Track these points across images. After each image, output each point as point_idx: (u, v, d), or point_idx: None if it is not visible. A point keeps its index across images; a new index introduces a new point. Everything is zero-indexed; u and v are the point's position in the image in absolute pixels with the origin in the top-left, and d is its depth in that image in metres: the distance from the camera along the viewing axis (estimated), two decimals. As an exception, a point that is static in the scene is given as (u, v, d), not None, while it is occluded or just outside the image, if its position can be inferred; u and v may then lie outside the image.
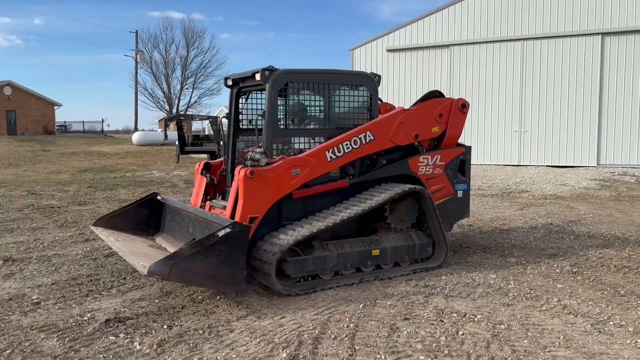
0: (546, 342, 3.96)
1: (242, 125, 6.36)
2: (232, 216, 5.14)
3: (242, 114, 6.35)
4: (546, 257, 6.49)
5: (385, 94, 22.12)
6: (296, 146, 5.73)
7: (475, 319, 4.42)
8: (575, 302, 4.86)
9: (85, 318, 4.42)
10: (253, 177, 5.03)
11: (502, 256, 6.59)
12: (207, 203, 6.07)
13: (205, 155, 20.92)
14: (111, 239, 5.62)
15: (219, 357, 3.68)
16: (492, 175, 17.38)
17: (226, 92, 7.37)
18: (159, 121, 58.63)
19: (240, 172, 5.09)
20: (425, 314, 4.52)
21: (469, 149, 6.63)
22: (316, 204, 5.62)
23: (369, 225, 5.95)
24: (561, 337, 4.05)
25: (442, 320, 4.38)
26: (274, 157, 5.41)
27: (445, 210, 6.31)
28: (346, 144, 5.65)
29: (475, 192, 13.35)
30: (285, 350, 3.79)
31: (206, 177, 6.19)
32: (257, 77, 5.47)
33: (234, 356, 3.70)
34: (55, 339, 3.98)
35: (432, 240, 6.00)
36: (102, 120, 55.60)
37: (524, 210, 10.17)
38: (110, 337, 4.02)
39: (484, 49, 20.15)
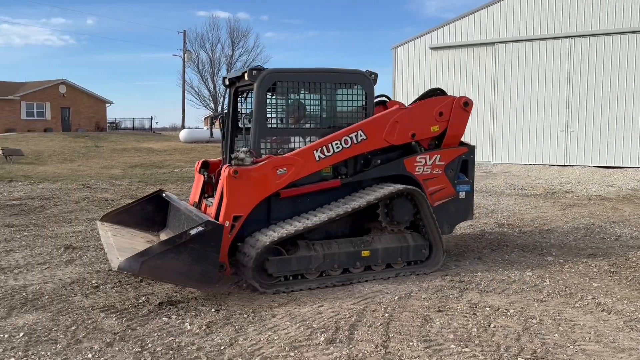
0: (577, 336, 4.07)
1: (241, 124, 6.37)
2: (217, 215, 5.15)
3: (240, 114, 6.37)
4: (584, 257, 6.51)
5: (428, 92, 22.06)
6: (291, 146, 5.76)
7: (508, 313, 4.56)
8: (610, 300, 4.91)
9: (140, 301, 4.80)
10: (237, 176, 5.06)
11: (540, 255, 6.64)
12: (204, 201, 6.06)
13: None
14: (109, 234, 5.68)
15: (262, 339, 3.97)
16: (537, 175, 17.15)
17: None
18: (205, 119, 60.07)
19: (224, 171, 5.13)
20: (458, 307, 4.68)
21: (472, 148, 6.41)
22: (307, 204, 5.59)
23: (364, 225, 5.91)
24: (592, 332, 4.15)
25: (474, 314, 4.53)
26: (262, 156, 5.43)
27: (446, 211, 6.16)
28: (336, 144, 5.57)
29: (518, 192, 13.28)
30: (323, 334, 4.04)
31: (204, 175, 6.19)
32: (246, 76, 5.55)
33: (275, 338, 3.98)
34: (114, 318, 4.37)
35: (428, 242, 5.87)
36: (151, 117, 57.69)
37: (566, 211, 10.09)
38: (164, 318, 4.37)
39: (530, 47, 19.84)
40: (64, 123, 45.43)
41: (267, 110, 5.63)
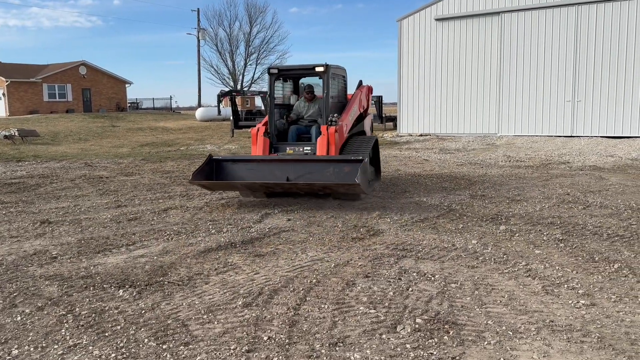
0: (488, 299, 4.19)
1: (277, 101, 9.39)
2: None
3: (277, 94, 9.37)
4: (541, 226, 6.55)
5: (434, 65, 21.84)
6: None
7: (433, 278, 4.69)
8: (542, 266, 4.99)
9: (89, 271, 5.09)
10: (337, 132, 8.32)
11: (496, 224, 6.69)
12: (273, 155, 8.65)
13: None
14: None
15: (184, 303, 4.21)
16: (539, 147, 16.97)
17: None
18: (222, 97, 60.32)
19: (328, 129, 8.33)
20: (387, 273, 4.83)
21: (370, 115, 10.89)
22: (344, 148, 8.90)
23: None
24: (506, 296, 4.26)
25: (399, 279, 4.68)
26: None
27: None
28: (353, 111, 9.31)
29: (512, 164, 13.22)
30: (244, 299, 4.26)
31: (268, 138, 8.81)
32: (321, 69, 8.57)
33: (197, 303, 4.22)
34: (56, 286, 4.66)
35: (374, 168, 9.66)
36: (171, 97, 58.22)
37: (548, 182, 10.04)
38: (104, 285, 4.64)
39: (535, 16, 19.40)
40: (85, 104, 46.38)
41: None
